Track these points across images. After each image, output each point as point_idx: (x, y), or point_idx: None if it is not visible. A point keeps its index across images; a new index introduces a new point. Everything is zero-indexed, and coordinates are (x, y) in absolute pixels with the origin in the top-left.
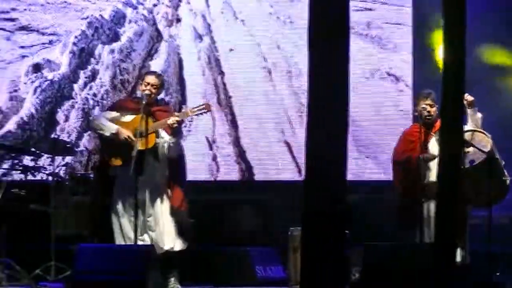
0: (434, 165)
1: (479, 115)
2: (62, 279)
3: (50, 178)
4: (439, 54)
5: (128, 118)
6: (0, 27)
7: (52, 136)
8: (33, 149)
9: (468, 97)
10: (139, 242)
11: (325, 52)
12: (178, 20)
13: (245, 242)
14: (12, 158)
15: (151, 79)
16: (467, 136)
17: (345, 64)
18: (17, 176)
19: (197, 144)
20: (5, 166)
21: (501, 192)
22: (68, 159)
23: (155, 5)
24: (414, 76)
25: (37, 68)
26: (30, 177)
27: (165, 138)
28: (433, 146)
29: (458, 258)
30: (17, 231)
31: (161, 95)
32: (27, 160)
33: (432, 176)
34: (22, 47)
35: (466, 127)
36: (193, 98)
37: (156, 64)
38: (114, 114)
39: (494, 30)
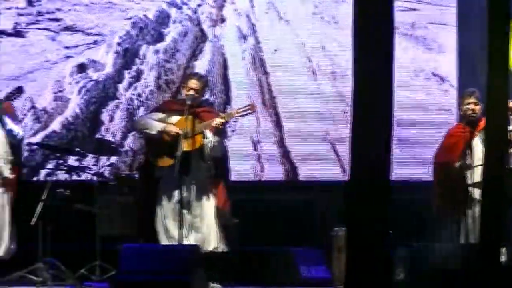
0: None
1: None
2: (106, 279)
3: (94, 178)
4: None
5: (174, 119)
6: (45, 28)
7: (97, 136)
8: (77, 149)
9: (510, 103)
10: (184, 243)
11: (370, 52)
12: (223, 20)
13: (290, 243)
14: (57, 158)
15: (193, 82)
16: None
17: (390, 65)
18: (62, 176)
19: (242, 144)
20: (50, 166)
21: None
22: (113, 159)
23: (199, 5)
24: (459, 77)
25: (81, 68)
26: (75, 177)
27: (210, 138)
28: (477, 146)
29: (503, 258)
30: (62, 231)
31: (205, 96)
32: (72, 160)
33: (477, 176)
34: (67, 47)
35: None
36: (238, 98)
37: (201, 65)
38: (160, 115)
39: None
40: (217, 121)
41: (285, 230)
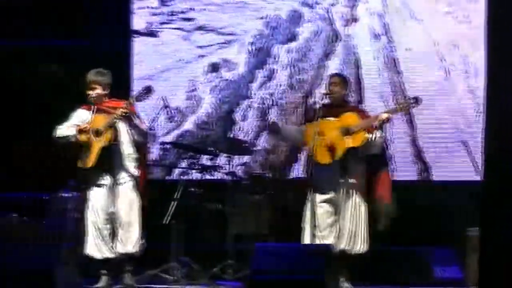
0: None
1: None
2: (239, 278)
3: (227, 177)
4: None
5: (332, 119)
6: (178, 27)
7: (230, 135)
8: (210, 148)
9: None
10: (324, 241)
11: (503, 51)
12: (355, 20)
13: (423, 242)
14: (190, 157)
15: (332, 80)
16: None
17: None
18: (195, 175)
19: None
20: (183, 165)
21: None
22: (246, 158)
23: (332, 5)
24: None
25: (214, 67)
26: (207, 176)
27: (376, 134)
28: None
29: None
30: (195, 230)
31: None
32: (204, 159)
33: None
34: (200, 46)
35: None
36: (371, 98)
37: (333, 64)
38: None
39: None
40: (383, 116)
41: (418, 230)
